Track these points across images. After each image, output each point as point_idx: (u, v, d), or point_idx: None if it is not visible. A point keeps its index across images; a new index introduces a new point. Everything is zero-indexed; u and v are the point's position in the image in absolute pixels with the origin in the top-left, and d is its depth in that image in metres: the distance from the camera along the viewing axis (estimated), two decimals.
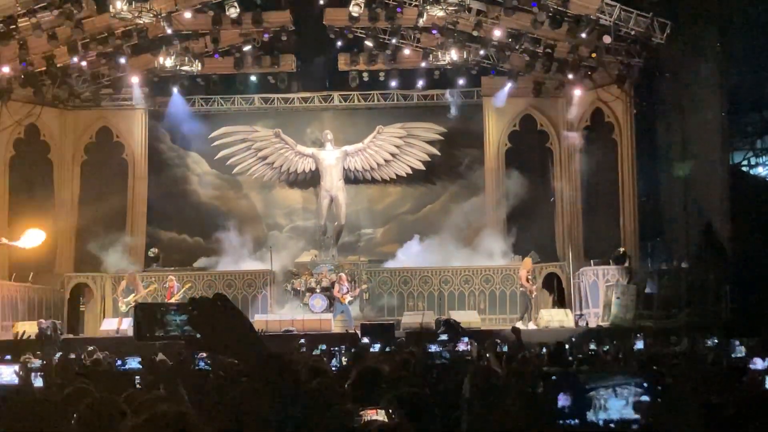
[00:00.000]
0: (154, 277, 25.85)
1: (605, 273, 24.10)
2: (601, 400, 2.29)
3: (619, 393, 2.33)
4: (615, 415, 2.28)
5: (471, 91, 28.67)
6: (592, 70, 26.07)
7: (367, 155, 28.91)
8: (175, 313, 2.62)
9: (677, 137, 25.04)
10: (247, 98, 29.12)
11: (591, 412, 2.30)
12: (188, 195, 28.93)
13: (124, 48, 25.70)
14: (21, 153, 27.48)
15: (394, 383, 6.10)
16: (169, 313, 2.61)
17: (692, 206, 24.34)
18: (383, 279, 26.61)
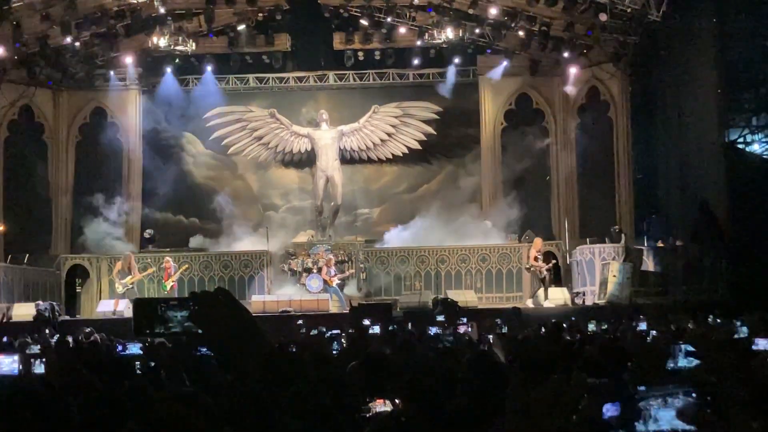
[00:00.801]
0: (150, 257, 25.80)
1: (601, 251, 24.10)
2: (651, 411, 2.20)
3: (669, 403, 2.23)
4: (665, 425, 2.19)
5: (467, 69, 28.55)
6: (588, 48, 26.00)
7: (363, 135, 28.82)
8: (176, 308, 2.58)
9: (673, 115, 25.01)
10: (242, 78, 28.96)
11: (640, 423, 2.21)
12: (183, 175, 28.83)
13: (117, 28, 25.58)
14: (15, 134, 27.39)
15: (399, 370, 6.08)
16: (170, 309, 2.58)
17: (688, 184, 24.34)
18: (380, 258, 26.57)
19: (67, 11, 23.90)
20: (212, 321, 2.64)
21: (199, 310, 2.65)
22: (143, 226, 27.98)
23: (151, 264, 25.27)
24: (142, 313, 2.67)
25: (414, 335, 12.16)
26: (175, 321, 2.69)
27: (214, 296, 2.67)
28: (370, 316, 19.17)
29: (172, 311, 2.69)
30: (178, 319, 2.69)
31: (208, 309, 2.64)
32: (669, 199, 25.37)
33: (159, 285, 24.93)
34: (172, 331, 2.70)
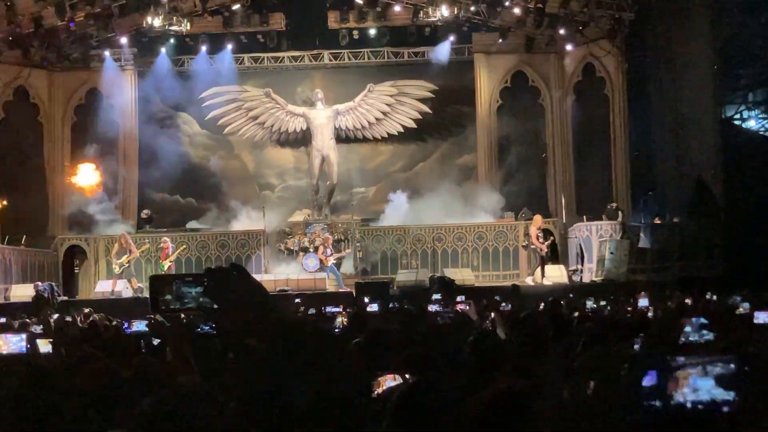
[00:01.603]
0: (148, 238, 25.82)
1: (598, 228, 24.14)
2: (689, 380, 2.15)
3: (709, 371, 2.17)
4: (705, 396, 2.13)
5: (462, 47, 28.50)
6: (584, 25, 25.96)
7: (359, 114, 28.80)
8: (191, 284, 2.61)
9: (669, 91, 25.01)
10: (237, 57, 28.89)
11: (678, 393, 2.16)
12: (179, 156, 28.77)
13: (112, 8, 25.48)
14: (10, 115, 27.34)
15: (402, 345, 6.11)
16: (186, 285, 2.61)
17: (684, 160, 24.37)
18: (377, 237, 26.61)
19: None
20: (227, 296, 2.66)
21: (213, 286, 2.67)
22: (140, 206, 27.98)
23: (149, 243, 25.28)
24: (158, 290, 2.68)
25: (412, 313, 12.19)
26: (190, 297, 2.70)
27: (229, 271, 2.70)
28: (368, 294, 19.27)
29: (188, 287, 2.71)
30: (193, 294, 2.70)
31: (223, 284, 2.67)
32: (665, 176, 25.40)
33: (156, 265, 24.96)
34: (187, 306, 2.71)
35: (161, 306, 2.77)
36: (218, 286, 2.67)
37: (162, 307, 2.77)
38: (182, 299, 2.74)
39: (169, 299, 2.75)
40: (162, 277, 2.83)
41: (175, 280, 2.77)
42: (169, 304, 2.76)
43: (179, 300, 2.74)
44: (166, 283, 2.77)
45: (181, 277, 2.79)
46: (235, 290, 2.66)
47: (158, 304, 2.78)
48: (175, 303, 2.76)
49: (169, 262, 23.99)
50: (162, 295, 2.75)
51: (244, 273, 2.71)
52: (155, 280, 2.82)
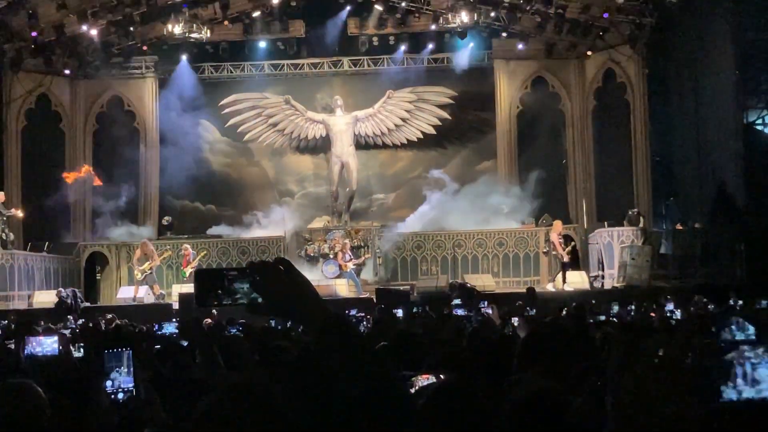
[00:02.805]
0: (169, 245, 25.92)
1: (620, 234, 24.03)
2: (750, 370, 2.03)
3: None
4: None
5: (482, 53, 28.52)
6: (604, 31, 25.92)
7: (378, 120, 28.84)
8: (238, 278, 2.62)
9: (690, 97, 24.92)
10: (257, 65, 29.02)
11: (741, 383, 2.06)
12: (200, 163, 28.91)
13: (133, 16, 25.61)
14: (32, 123, 27.45)
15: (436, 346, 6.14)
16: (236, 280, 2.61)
17: (706, 166, 24.25)
18: (397, 243, 26.61)
19: (83, 0, 23.94)
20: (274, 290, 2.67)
21: (261, 280, 2.68)
22: (161, 213, 28.10)
23: (170, 250, 25.38)
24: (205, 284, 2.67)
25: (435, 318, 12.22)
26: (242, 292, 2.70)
27: (275, 266, 2.70)
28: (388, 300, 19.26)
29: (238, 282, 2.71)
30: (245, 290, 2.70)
31: (270, 278, 2.68)
32: (687, 182, 25.29)
33: (178, 271, 25.05)
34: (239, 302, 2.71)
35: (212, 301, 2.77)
36: (266, 281, 2.68)
37: (214, 302, 2.77)
38: (234, 294, 2.74)
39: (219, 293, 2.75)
40: (209, 272, 2.83)
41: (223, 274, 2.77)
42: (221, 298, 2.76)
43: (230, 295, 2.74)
44: (213, 277, 2.77)
45: (226, 271, 2.79)
46: (283, 284, 2.67)
47: (206, 299, 2.78)
48: (227, 298, 2.75)
49: (191, 268, 24.03)
50: (210, 290, 2.75)
51: (290, 267, 2.72)
52: (201, 274, 2.82)
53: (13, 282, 22.97)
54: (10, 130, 26.77)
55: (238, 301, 2.73)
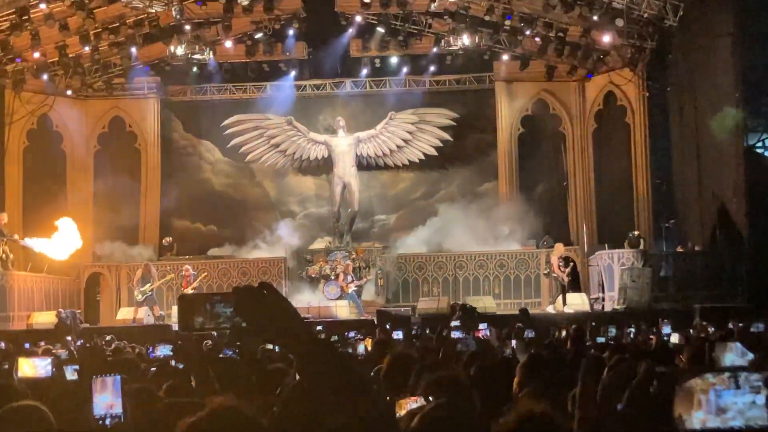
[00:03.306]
0: (169, 265, 25.92)
1: (620, 256, 23.96)
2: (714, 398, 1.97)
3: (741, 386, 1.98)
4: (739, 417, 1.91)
5: (483, 76, 28.61)
6: (605, 54, 25.99)
7: (380, 141, 28.89)
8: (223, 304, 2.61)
9: (690, 120, 24.94)
10: (259, 86, 29.10)
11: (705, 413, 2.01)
12: (201, 183, 28.96)
13: (135, 37, 25.72)
14: (34, 143, 27.53)
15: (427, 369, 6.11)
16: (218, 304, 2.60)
17: (706, 188, 24.24)
18: (398, 264, 26.62)
19: (86, 21, 24.06)
20: (257, 314, 2.66)
21: (243, 304, 2.67)
22: (162, 234, 28.10)
23: (171, 271, 25.38)
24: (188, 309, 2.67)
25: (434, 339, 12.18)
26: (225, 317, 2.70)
27: (259, 290, 2.69)
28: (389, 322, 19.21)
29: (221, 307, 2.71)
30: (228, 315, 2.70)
31: (252, 302, 2.67)
32: (687, 204, 25.27)
33: (178, 292, 25.02)
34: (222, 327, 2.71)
35: (194, 326, 2.77)
36: (248, 304, 2.67)
37: (196, 327, 2.77)
38: (216, 319, 2.73)
39: (201, 320, 2.75)
40: (191, 297, 2.83)
41: (208, 300, 2.77)
42: (203, 324, 2.76)
43: (213, 319, 2.74)
44: (196, 302, 2.76)
45: (211, 296, 2.79)
46: (266, 308, 2.66)
47: (190, 324, 2.77)
48: (209, 323, 2.75)
49: (191, 289, 24.00)
50: (193, 315, 2.75)
51: (274, 291, 2.71)
52: (184, 299, 2.82)
53: (12, 302, 22.99)
54: (11, 150, 26.85)
55: (221, 325, 2.72)
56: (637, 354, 7.78)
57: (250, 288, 2.71)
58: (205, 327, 2.76)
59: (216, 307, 2.74)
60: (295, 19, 26.48)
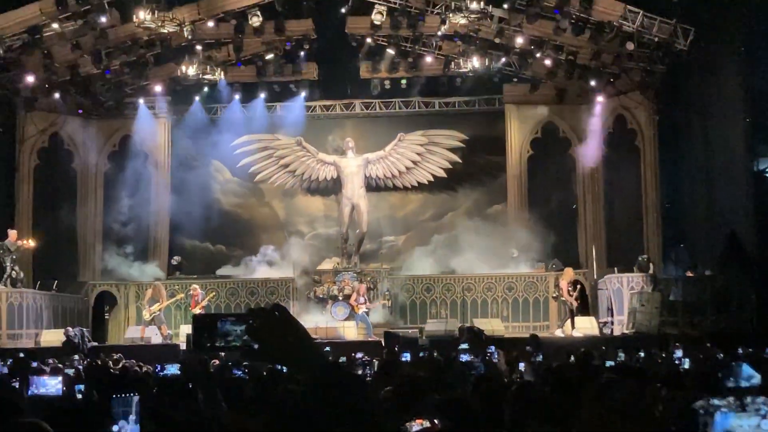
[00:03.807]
0: (178, 285, 25.95)
1: (629, 280, 23.92)
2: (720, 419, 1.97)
3: (748, 409, 1.98)
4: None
5: (493, 98, 28.67)
6: (615, 77, 26.01)
7: (389, 163, 28.92)
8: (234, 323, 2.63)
9: (700, 143, 24.94)
10: (269, 106, 29.21)
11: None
12: (210, 203, 29.00)
13: (147, 57, 25.84)
14: (45, 162, 27.65)
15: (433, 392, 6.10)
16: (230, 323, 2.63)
17: (716, 213, 24.20)
18: (406, 286, 26.57)
19: (97, 40, 24.21)
20: (269, 336, 2.68)
21: (256, 325, 2.69)
22: (171, 253, 28.15)
23: (180, 290, 25.40)
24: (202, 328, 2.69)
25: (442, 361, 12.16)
26: (235, 335, 2.72)
27: (271, 312, 2.71)
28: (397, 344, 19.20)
29: (232, 326, 2.73)
30: (238, 333, 2.72)
31: (265, 324, 2.68)
32: (697, 228, 25.23)
33: (186, 312, 25.05)
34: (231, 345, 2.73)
35: (205, 344, 2.79)
36: (261, 326, 2.69)
37: (206, 345, 2.79)
38: (226, 337, 2.75)
39: (213, 338, 2.77)
40: (206, 317, 2.85)
41: (219, 320, 2.79)
42: (214, 342, 2.78)
43: (223, 338, 2.76)
44: (209, 322, 2.79)
45: (224, 317, 2.81)
46: (278, 331, 2.68)
47: (201, 342, 2.79)
48: (219, 341, 2.77)
49: (200, 309, 24.02)
50: (205, 334, 2.77)
51: (287, 314, 2.73)
52: (199, 319, 2.84)
53: (21, 320, 23.04)
54: (22, 168, 26.98)
55: (230, 343, 2.74)
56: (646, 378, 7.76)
57: (263, 310, 2.73)
58: (215, 345, 2.79)
59: (226, 325, 2.76)
60: (305, 41, 26.58)
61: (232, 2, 24.49)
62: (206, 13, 24.73)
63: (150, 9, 23.38)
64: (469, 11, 23.50)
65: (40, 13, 23.22)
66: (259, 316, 2.71)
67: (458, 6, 23.40)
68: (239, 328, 2.73)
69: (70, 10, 23.23)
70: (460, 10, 23.51)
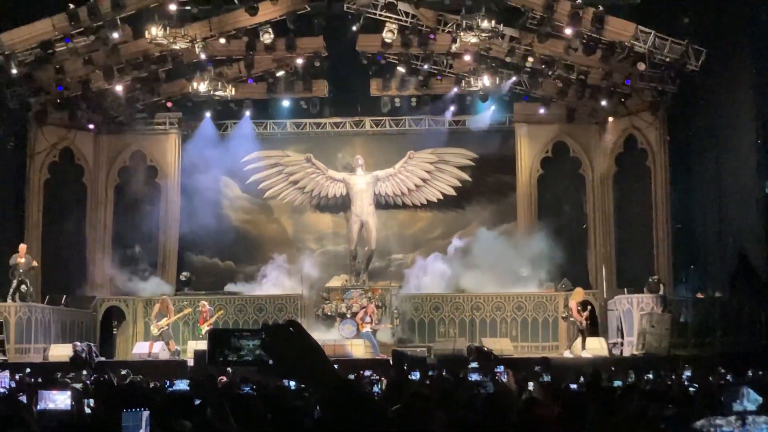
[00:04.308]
0: (186, 300, 25.91)
1: (639, 301, 23.81)
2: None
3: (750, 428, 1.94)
4: None
5: (503, 117, 28.66)
6: (626, 97, 25.99)
7: (398, 180, 28.92)
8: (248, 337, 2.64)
9: (711, 165, 24.88)
10: (280, 123, 29.26)
11: None
12: (220, 219, 29.01)
13: (159, 73, 25.93)
14: (55, 176, 27.69)
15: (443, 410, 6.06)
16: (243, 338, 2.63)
17: (727, 234, 24.13)
18: (415, 305, 26.48)
19: (109, 56, 24.29)
20: (283, 352, 2.67)
21: (270, 341, 2.68)
22: (179, 268, 28.13)
23: (188, 306, 25.38)
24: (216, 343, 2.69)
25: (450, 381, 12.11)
26: (247, 349, 2.71)
27: (285, 328, 2.70)
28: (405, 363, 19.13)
29: (245, 340, 2.72)
30: (251, 347, 2.71)
31: (280, 340, 2.67)
32: (707, 250, 25.15)
33: (194, 328, 25.02)
34: (244, 359, 2.72)
35: (218, 358, 2.78)
36: (275, 341, 2.68)
37: (219, 359, 2.77)
38: (239, 351, 2.74)
39: (226, 352, 2.75)
40: (221, 331, 2.84)
41: (234, 334, 2.78)
42: (227, 356, 2.76)
43: (236, 352, 2.75)
44: (224, 336, 2.78)
45: (238, 331, 2.81)
46: (292, 346, 2.66)
47: (215, 357, 2.78)
48: (232, 355, 2.76)
49: (208, 326, 23.97)
50: (219, 348, 2.76)
51: (301, 330, 2.71)
52: (214, 334, 2.83)
53: (30, 334, 23.05)
54: (32, 182, 27.03)
55: (243, 357, 2.73)
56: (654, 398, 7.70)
57: (278, 326, 2.73)
58: (228, 360, 2.78)
59: (240, 340, 2.76)
60: (316, 58, 26.65)
61: (243, 19, 24.55)
62: (218, 29, 24.82)
63: (162, 25, 23.46)
64: (480, 30, 23.52)
65: (53, 29, 23.31)
66: (273, 331, 2.70)
67: (469, 25, 23.42)
68: (252, 343, 2.72)
69: (83, 26, 23.32)
70: (471, 29, 23.53)
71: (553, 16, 23.36)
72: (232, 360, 2.76)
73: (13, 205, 26.84)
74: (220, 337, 2.79)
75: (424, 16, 24.66)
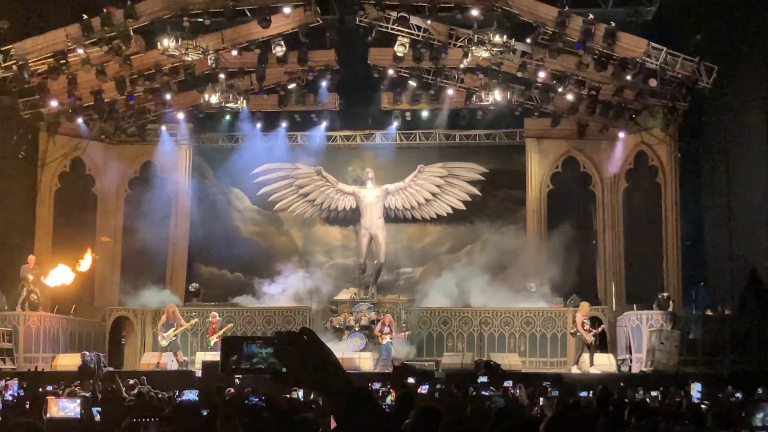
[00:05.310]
0: (195, 311, 25.91)
1: (649, 318, 23.69)
2: None
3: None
4: None
5: (513, 132, 28.67)
6: (637, 113, 25.97)
7: (408, 194, 28.93)
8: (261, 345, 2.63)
9: (722, 182, 24.82)
10: (290, 135, 29.30)
11: None
12: (229, 230, 29.05)
13: (170, 84, 26.02)
14: (66, 186, 27.81)
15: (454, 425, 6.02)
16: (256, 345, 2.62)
17: (737, 252, 24.05)
18: (423, 318, 26.43)
19: (122, 67, 24.37)
20: (296, 359, 2.66)
21: (284, 349, 2.67)
22: (188, 279, 28.16)
23: (195, 316, 25.37)
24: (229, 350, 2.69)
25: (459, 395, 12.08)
26: (260, 357, 2.70)
27: (299, 335, 2.69)
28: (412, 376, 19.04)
29: (258, 347, 2.72)
30: (263, 355, 2.70)
31: (293, 347, 2.66)
32: (717, 267, 25.07)
33: (203, 339, 25.02)
34: (256, 367, 2.71)
35: (231, 366, 2.77)
36: (289, 349, 2.67)
37: (232, 367, 2.77)
38: (251, 359, 2.73)
39: (238, 359, 2.75)
40: (233, 339, 2.83)
41: (246, 342, 2.77)
42: (239, 363, 2.76)
43: (248, 360, 2.74)
44: (237, 344, 2.77)
45: (252, 339, 2.80)
46: (305, 354, 2.65)
47: (227, 365, 2.77)
48: (245, 363, 2.75)
49: (217, 337, 23.96)
50: (232, 356, 2.75)
51: (315, 337, 2.70)
52: (227, 341, 2.83)
53: (38, 344, 23.07)
54: (43, 191, 27.15)
55: (255, 365, 2.72)
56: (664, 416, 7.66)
57: (291, 333, 2.71)
58: (240, 367, 2.77)
59: (252, 348, 2.75)
60: (328, 71, 26.73)
61: (256, 32, 24.62)
62: (230, 42, 24.91)
63: (174, 37, 23.56)
64: (491, 45, 23.54)
65: (66, 39, 23.42)
66: (286, 339, 2.69)
67: (481, 39, 23.44)
68: (264, 351, 2.71)
69: (96, 36, 23.42)
70: (483, 44, 23.55)
71: (564, 31, 23.36)
72: (245, 367, 2.75)
73: (24, 214, 26.90)
74: (233, 344, 2.78)
75: (436, 30, 24.70)
